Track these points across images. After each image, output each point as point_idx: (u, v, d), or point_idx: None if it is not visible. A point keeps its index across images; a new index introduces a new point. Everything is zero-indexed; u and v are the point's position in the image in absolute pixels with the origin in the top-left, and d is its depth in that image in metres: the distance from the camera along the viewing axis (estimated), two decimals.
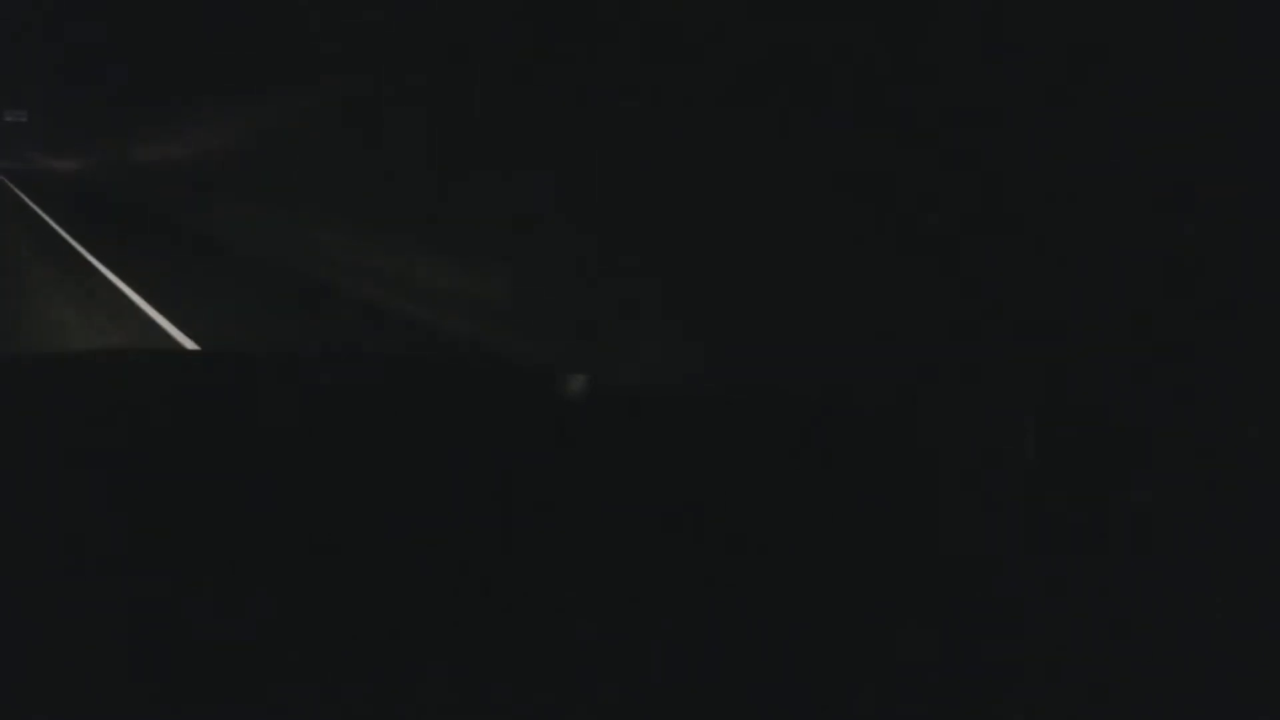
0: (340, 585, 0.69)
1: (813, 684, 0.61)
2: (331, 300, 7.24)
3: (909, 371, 3.23)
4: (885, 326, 3.43)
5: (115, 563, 0.72)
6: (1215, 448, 2.39)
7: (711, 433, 1.14)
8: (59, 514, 0.79)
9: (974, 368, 3.06)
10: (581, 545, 0.79)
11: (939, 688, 0.62)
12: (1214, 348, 2.50)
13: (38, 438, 0.99)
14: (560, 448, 1.06)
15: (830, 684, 0.62)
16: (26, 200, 15.97)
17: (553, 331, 5.24)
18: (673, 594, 0.71)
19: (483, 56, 6.13)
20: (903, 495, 0.96)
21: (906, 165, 3.36)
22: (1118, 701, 0.62)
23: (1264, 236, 2.41)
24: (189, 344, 5.57)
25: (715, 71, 4.28)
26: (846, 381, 3.34)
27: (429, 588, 0.70)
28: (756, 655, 0.64)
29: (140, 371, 1.43)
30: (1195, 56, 2.55)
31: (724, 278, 4.27)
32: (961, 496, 0.98)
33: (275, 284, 8.14)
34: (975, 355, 3.09)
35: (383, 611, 0.66)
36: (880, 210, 3.48)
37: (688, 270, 4.46)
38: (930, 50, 3.30)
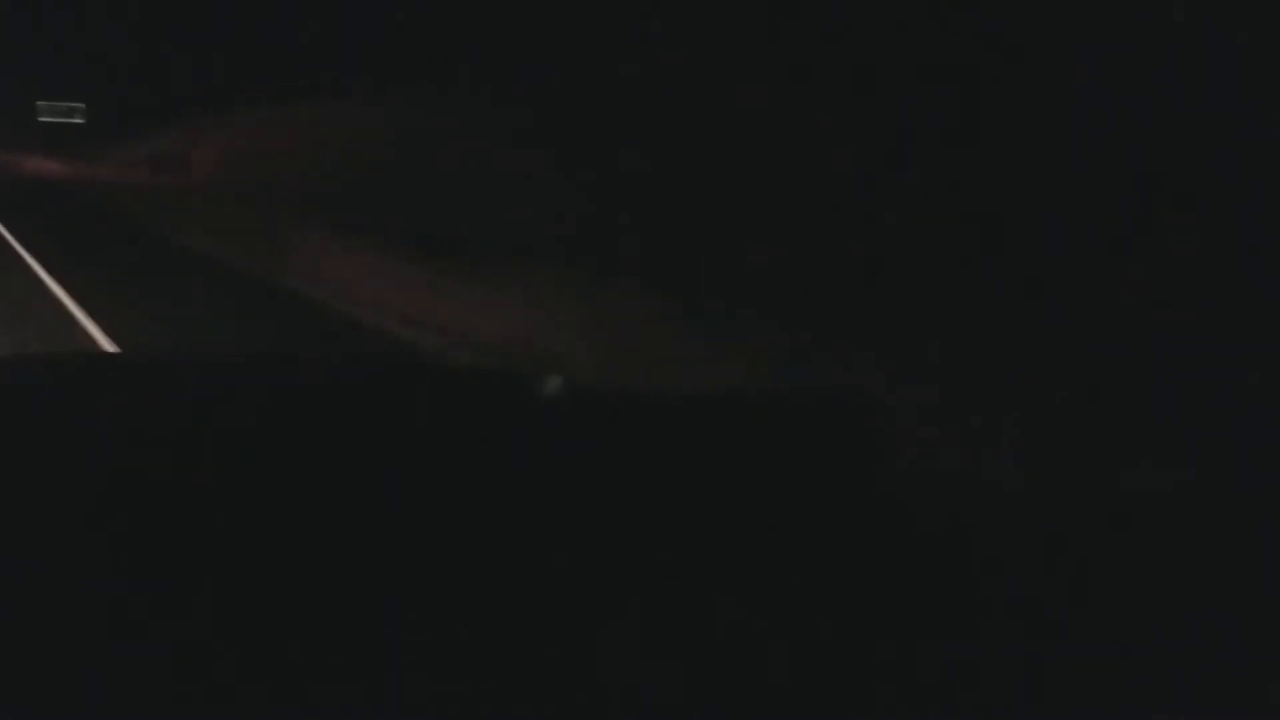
0: (324, 589, 0.69)
1: (809, 685, 0.61)
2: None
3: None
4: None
5: (109, 564, 0.71)
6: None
7: (688, 435, 1.14)
8: (44, 518, 0.78)
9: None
10: (562, 548, 0.79)
11: (939, 688, 0.62)
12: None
13: (16, 442, 0.98)
14: (538, 450, 1.05)
15: (826, 684, 0.62)
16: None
17: None
18: (661, 595, 0.71)
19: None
20: (889, 498, 0.97)
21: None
22: (1117, 701, 0.62)
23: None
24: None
25: None
26: (815, 383, 3.35)
27: (409, 591, 0.70)
28: (745, 657, 0.64)
29: (130, 374, 1.42)
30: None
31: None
32: (951, 499, 0.99)
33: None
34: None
35: (365, 615, 0.66)
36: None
37: None
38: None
